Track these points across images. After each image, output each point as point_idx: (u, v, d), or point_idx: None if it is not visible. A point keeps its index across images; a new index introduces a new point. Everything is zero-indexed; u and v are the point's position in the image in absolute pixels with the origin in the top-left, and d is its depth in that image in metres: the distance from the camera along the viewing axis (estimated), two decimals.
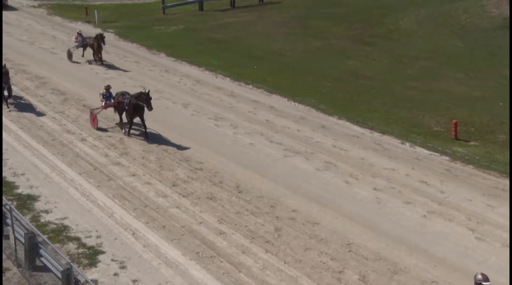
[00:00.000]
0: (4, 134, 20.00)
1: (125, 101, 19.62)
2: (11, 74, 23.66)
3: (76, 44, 29.41)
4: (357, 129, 21.33)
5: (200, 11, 42.55)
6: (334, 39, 34.16)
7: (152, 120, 20.62)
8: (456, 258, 13.57)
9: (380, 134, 20.83)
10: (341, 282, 12.69)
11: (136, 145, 19.47)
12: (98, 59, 28.62)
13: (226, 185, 16.83)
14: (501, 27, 34.10)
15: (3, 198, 13.86)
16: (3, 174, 17.09)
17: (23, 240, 12.69)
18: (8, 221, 13.24)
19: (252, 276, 12.86)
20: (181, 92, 25.06)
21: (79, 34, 29.57)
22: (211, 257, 13.50)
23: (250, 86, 26.13)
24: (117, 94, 20.53)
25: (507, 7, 35.30)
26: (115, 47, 32.57)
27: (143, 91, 19.41)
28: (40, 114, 22.04)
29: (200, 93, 24.96)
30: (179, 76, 27.40)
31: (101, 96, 21.28)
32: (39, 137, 19.96)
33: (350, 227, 14.75)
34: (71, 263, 11.18)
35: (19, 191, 16.35)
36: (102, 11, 40.25)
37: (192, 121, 21.69)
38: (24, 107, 23.00)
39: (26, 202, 15.75)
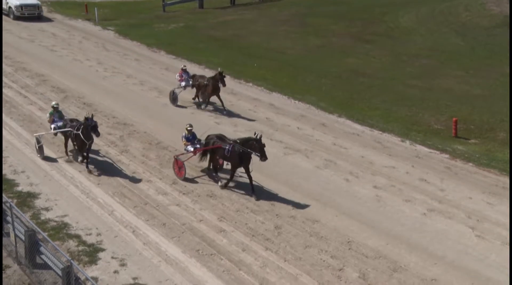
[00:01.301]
0: (4, 132, 19.98)
1: (227, 148, 16.07)
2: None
3: (182, 84, 23.09)
4: (357, 127, 21.34)
5: (200, 9, 42.50)
6: (334, 37, 34.15)
7: (148, 116, 20.48)
8: (456, 256, 13.59)
9: (380, 132, 20.85)
10: (341, 280, 12.70)
11: (136, 142, 19.46)
12: (208, 102, 22.58)
13: None
14: (502, 25, 34.08)
15: (4, 195, 13.87)
16: (3, 172, 17.09)
17: (23, 238, 12.70)
18: (9, 218, 13.25)
19: (252, 273, 12.88)
20: None
21: (184, 70, 23.40)
22: (211, 254, 13.51)
23: (250, 84, 26.12)
24: (209, 137, 16.80)
25: (507, 5, 35.27)
26: (115, 45, 32.57)
27: (253, 136, 15.81)
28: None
29: None
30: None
31: (183, 138, 17.39)
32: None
33: (350, 225, 14.76)
34: (71, 261, 11.19)
35: (19, 188, 16.35)
36: (102, 9, 40.19)
37: (192, 119, 21.66)
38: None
39: (26, 199, 15.75)
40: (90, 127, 16.68)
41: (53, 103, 18.85)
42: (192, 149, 17.13)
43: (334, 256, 13.50)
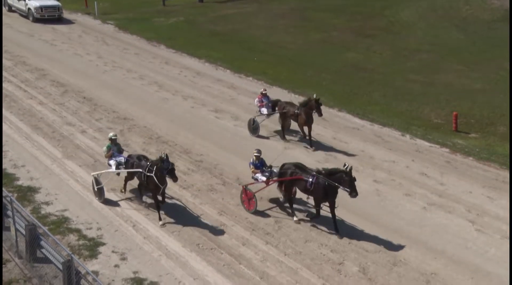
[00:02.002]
0: (5, 126, 19.98)
1: (310, 179, 13.98)
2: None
3: (264, 110, 19.61)
4: (358, 121, 21.33)
5: (200, 3, 42.46)
6: (335, 32, 34.09)
7: (148, 111, 20.27)
8: (455, 250, 13.61)
9: (381, 126, 20.84)
10: (341, 274, 12.73)
11: (136, 137, 19.46)
12: (305, 135, 19.06)
13: (226, 177, 16.83)
14: (502, 19, 34.01)
15: (4, 190, 13.87)
16: (4, 166, 17.10)
17: (24, 232, 12.71)
18: (9, 212, 13.26)
19: (253, 267, 12.90)
20: (181, 84, 25.05)
21: (264, 95, 19.77)
22: (212, 249, 13.52)
23: (250, 78, 26.11)
24: (285, 166, 14.67)
25: None
26: (115, 39, 32.53)
27: (343, 168, 13.74)
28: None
29: (200, 85, 24.94)
30: (179, 68, 27.37)
31: (251, 165, 15.20)
32: (40, 129, 19.94)
33: (350, 219, 14.76)
34: (72, 255, 11.20)
35: (19, 183, 16.36)
36: (102, 2, 40.12)
37: (192, 113, 21.68)
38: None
39: (26, 194, 15.76)
40: (165, 170, 13.84)
41: (111, 134, 15.70)
42: (264, 179, 14.94)
43: (334, 250, 13.52)
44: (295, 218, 14.57)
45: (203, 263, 13.02)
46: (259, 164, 15.17)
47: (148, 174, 14.14)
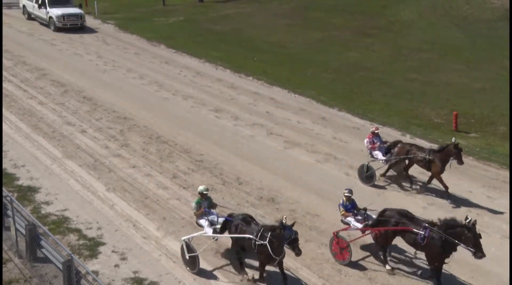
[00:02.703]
0: (4, 126, 19.99)
1: (422, 233, 11.83)
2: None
3: (378, 154, 16.36)
4: (358, 121, 21.33)
5: (200, 2, 42.46)
6: (335, 31, 34.09)
7: (148, 110, 20.27)
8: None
9: (381, 126, 20.79)
10: (341, 274, 12.72)
11: (136, 136, 19.47)
12: (444, 186, 15.62)
13: (226, 177, 16.84)
14: (502, 18, 34.01)
15: (4, 189, 13.87)
16: (4, 166, 17.10)
17: (24, 232, 12.72)
18: (9, 212, 13.26)
19: (253, 267, 12.87)
20: (181, 83, 25.05)
21: (375, 134, 16.48)
22: (211, 249, 13.50)
23: (250, 78, 26.11)
24: (388, 213, 12.57)
25: None
26: (115, 39, 32.53)
27: (464, 221, 11.48)
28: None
29: (200, 85, 24.95)
30: (179, 68, 27.38)
31: (341, 207, 13.15)
32: (39, 129, 19.95)
33: None
34: (72, 255, 11.19)
35: (19, 182, 16.36)
36: (102, 2, 40.13)
37: (192, 113, 21.68)
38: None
39: (26, 193, 15.76)
40: (287, 240, 11.04)
41: (201, 188, 12.84)
42: (359, 226, 12.89)
43: None
44: (387, 267, 12.69)
45: (204, 262, 13.00)
46: (350, 207, 13.16)
47: (260, 242, 11.22)
